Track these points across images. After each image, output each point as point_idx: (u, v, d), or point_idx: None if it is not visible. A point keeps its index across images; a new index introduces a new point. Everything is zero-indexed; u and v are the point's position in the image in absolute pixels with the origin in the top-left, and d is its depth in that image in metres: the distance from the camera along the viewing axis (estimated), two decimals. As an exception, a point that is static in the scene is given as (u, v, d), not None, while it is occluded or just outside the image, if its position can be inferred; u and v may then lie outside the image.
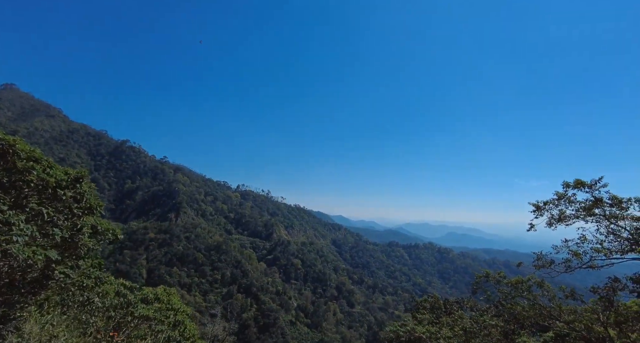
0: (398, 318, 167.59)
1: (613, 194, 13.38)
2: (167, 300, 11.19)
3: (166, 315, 10.31)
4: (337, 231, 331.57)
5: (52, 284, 7.18)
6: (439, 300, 23.05)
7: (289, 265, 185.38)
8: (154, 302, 10.76)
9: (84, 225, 7.58)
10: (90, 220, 8.08)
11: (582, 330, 15.01)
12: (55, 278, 7.13)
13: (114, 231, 8.58)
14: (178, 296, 12.31)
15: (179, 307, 11.22)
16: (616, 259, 13.11)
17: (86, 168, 8.52)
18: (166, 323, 9.78)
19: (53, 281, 7.14)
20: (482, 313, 18.70)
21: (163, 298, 11.04)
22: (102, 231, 8.14)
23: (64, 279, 7.34)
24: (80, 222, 7.50)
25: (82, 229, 7.50)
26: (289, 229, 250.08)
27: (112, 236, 8.52)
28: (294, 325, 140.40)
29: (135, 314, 9.05)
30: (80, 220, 7.54)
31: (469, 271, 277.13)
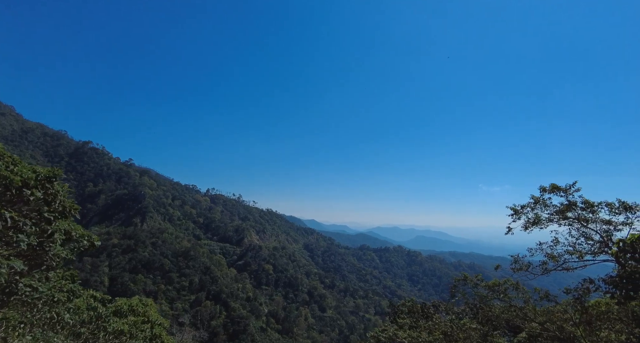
0: (369, 321, 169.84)
1: (585, 199, 14.05)
2: (144, 312, 10.23)
3: (142, 328, 9.39)
4: (309, 236, 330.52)
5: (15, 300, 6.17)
6: (416, 304, 23.30)
7: (260, 271, 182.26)
8: (129, 314, 9.78)
9: (55, 230, 6.61)
10: (64, 225, 7.13)
11: (554, 330, 15.61)
12: (20, 293, 6.13)
13: (90, 238, 7.63)
14: (155, 308, 11.33)
15: (156, 319, 10.28)
16: (588, 261, 13.75)
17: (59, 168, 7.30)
18: (141, 337, 8.86)
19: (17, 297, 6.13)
20: (460, 317, 19.03)
21: (139, 309, 10.07)
22: (76, 237, 7.17)
23: (31, 293, 6.34)
24: (51, 227, 6.54)
25: (53, 235, 6.54)
26: (261, 234, 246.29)
27: (87, 243, 7.55)
28: (264, 332, 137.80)
29: (108, 329, 8.10)
30: (51, 225, 6.58)
31: (437, 273, 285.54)
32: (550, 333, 16.20)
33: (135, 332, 8.68)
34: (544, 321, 15.73)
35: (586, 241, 14.27)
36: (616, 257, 12.98)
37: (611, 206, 13.76)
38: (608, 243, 13.53)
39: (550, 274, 14.54)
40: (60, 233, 6.68)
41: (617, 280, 12.42)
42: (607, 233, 13.65)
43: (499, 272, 17.81)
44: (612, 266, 13.37)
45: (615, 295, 12.51)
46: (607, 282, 12.98)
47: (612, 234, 13.67)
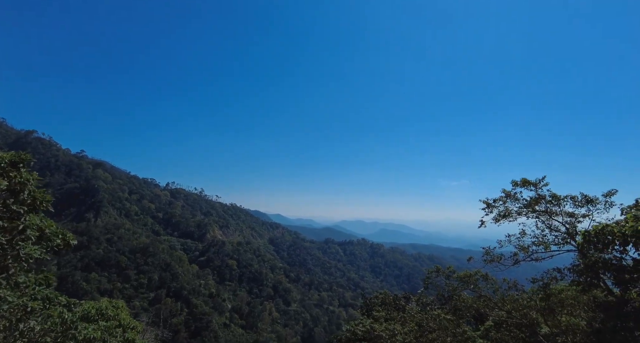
0: (332, 313, 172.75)
1: (553, 192, 14.86)
2: (114, 316, 9.19)
3: (114, 334, 8.43)
4: (274, 230, 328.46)
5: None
6: (388, 296, 23.74)
7: (224, 266, 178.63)
8: (98, 318, 8.73)
9: (27, 226, 5.48)
10: (35, 220, 6.00)
11: (519, 316, 16.54)
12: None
13: (64, 236, 6.51)
14: (127, 311, 10.30)
15: (129, 322, 9.33)
16: (554, 251, 14.61)
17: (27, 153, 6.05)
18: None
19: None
20: (431, 308, 19.62)
21: (109, 313, 9.03)
22: (49, 235, 6.01)
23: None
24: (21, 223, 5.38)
25: (25, 231, 5.43)
26: (224, 229, 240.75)
27: (61, 242, 6.42)
28: (228, 328, 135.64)
29: (78, 337, 7.08)
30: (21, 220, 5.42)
31: (398, 265, 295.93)
32: (514, 320, 17.16)
33: (109, 339, 7.74)
34: (510, 309, 16.59)
35: (551, 232, 15.14)
36: (580, 247, 13.87)
37: (575, 199, 14.68)
38: (573, 234, 14.44)
39: (520, 265, 15.29)
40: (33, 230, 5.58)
41: (582, 268, 13.29)
42: (572, 225, 14.56)
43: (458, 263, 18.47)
44: (575, 256, 14.28)
45: (580, 283, 13.40)
46: (572, 271, 13.89)
47: (576, 225, 14.60)
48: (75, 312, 8.13)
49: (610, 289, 13.50)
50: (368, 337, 17.64)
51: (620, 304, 12.91)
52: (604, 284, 13.41)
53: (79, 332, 7.08)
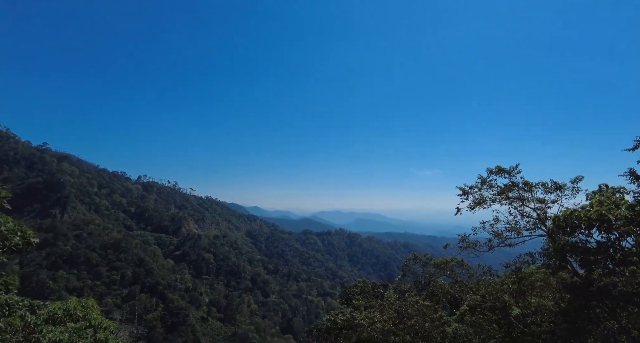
0: (311, 303, 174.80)
1: (526, 180, 15.39)
2: (84, 316, 8.52)
3: (84, 335, 7.82)
4: (252, 223, 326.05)
5: None
6: (367, 285, 24.09)
7: (200, 260, 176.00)
8: (66, 320, 8.06)
9: None
10: None
11: (493, 300, 17.22)
12: None
13: (24, 233, 5.77)
14: (99, 310, 9.63)
15: (100, 322, 8.70)
16: (526, 237, 15.21)
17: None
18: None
19: None
20: (412, 295, 20.06)
21: (78, 314, 8.35)
22: (5, 233, 5.26)
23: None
24: None
25: None
26: (200, 222, 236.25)
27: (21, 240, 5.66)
28: (205, 321, 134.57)
29: (43, 341, 6.48)
30: None
31: (375, 253, 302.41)
32: (488, 304, 17.86)
33: (77, 341, 7.18)
34: (485, 293, 17.23)
35: (523, 218, 15.73)
36: (550, 232, 14.48)
37: (545, 185, 15.27)
38: (543, 219, 15.05)
39: (494, 251, 15.83)
40: (-13, 228, 4.89)
41: (551, 252, 13.90)
42: (542, 211, 15.17)
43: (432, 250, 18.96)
44: (545, 240, 14.93)
45: (549, 266, 14.04)
46: (542, 255, 14.53)
47: (546, 211, 15.22)
48: (40, 314, 7.49)
49: (576, 271, 14.24)
50: (349, 326, 17.86)
51: (585, 285, 13.64)
52: (570, 266, 14.11)
53: (44, 335, 6.51)
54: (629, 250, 13.19)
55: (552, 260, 14.10)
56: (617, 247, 13.58)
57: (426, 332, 16.42)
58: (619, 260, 13.17)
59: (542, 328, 14.83)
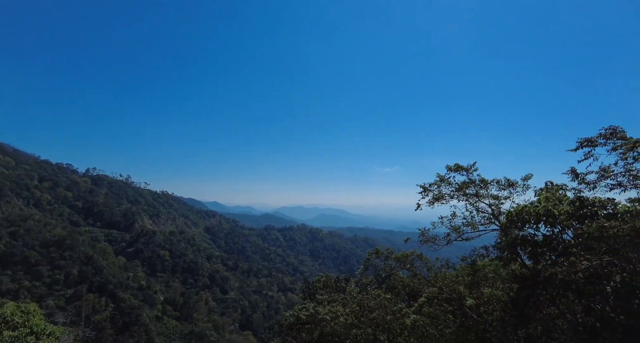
0: (272, 299, 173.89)
1: (482, 177, 16.20)
2: (24, 322, 7.41)
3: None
4: (211, 218, 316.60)
5: None
6: (330, 279, 24.25)
7: (155, 257, 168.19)
8: (2, 328, 6.96)
9: None
10: None
11: (449, 291, 18.03)
12: None
13: None
14: (41, 314, 8.54)
15: (44, 328, 7.66)
16: (481, 231, 16.04)
17: None
18: (23, 355, 6.44)
19: None
20: (373, 288, 20.47)
21: (16, 320, 7.25)
22: None
23: None
24: None
25: None
26: (155, 218, 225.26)
27: None
28: (160, 320, 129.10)
29: None
30: None
31: (336, 248, 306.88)
32: (445, 295, 18.67)
33: None
34: (442, 285, 17.99)
35: (479, 214, 16.57)
36: (503, 226, 15.37)
37: (499, 183, 16.19)
38: (497, 214, 15.95)
39: (452, 244, 16.53)
40: None
41: (503, 245, 14.77)
42: (496, 206, 16.08)
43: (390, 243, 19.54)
44: (498, 234, 15.84)
45: (502, 259, 14.93)
46: (495, 248, 15.42)
47: (499, 207, 16.15)
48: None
49: (524, 262, 15.27)
50: (312, 321, 17.85)
51: (532, 275, 14.67)
52: (520, 258, 15.11)
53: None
54: (569, 242, 14.38)
55: (504, 252, 15.02)
56: (560, 240, 14.76)
57: (387, 324, 16.83)
58: (560, 252, 14.30)
59: (493, 316, 15.76)
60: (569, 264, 12.81)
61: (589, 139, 12.18)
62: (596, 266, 11.99)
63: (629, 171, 11.71)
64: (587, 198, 14.30)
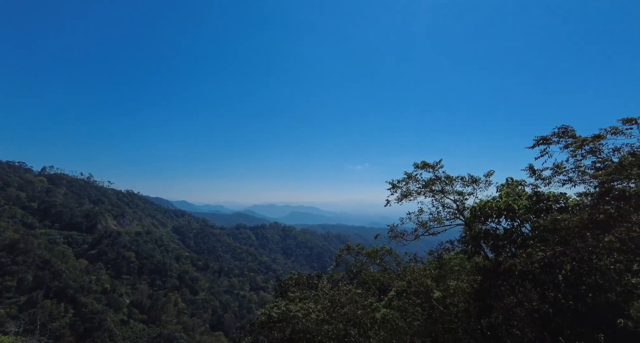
0: (243, 298, 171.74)
1: (447, 174, 16.82)
2: None
3: None
4: (179, 218, 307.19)
5: None
6: (302, 276, 24.28)
7: (120, 259, 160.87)
8: None
9: None
10: None
11: (417, 285, 18.63)
12: None
13: None
14: None
15: None
16: (447, 226, 16.67)
17: None
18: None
19: None
20: (344, 283, 20.74)
21: None
22: None
23: None
24: None
25: None
26: (120, 218, 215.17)
27: None
28: (126, 324, 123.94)
29: None
30: None
31: (309, 245, 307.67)
32: (413, 289, 19.26)
33: None
34: (410, 279, 18.54)
35: (444, 209, 17.21)
36: (467, 221, 16.07)
37: (464, 179, 16.89)
38: (462, 210, 16.64)
39: (419, 239, 17.07)
40: None
41: (468, 239, 15.45)
42: (461, 202, 16.77)
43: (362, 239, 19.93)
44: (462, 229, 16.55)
45: (466, 252, 15.61)
46: (460, 242, 16.10)
47: (464, 202, 16.85)
48: None
49: (487, 255, 16.07)
50: (284, 318, 17.83)
51: (494, 267, 15.46)
52: (483, 251, 15.88)
53: None
54: (527, 235, 15.30)
55: (468, 246, 15.73)
56: (519, 233, 15.66)
57: (358, 319, 17.13)
58: (519, 244, 15.18)
59: (458, 308, 16.46)
60: (527, 255, 13.60)
61: (544, 138, 12.94)
62: (550, 257, 12.81)
63: (578, 168, 12.57)
64: (543, 192, 15.26)
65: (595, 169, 12.24)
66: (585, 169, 12.53)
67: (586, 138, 11.94)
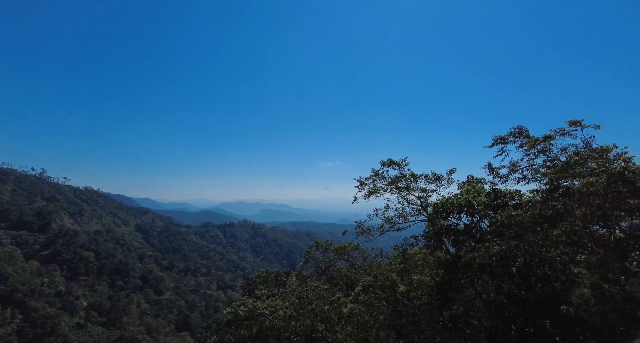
0: (210, 297, 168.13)
1: (412, 171, 17.38)
2: None
3: None
4: (143, 216, 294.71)
5: None
6: (270, 274, 24.15)
7: (77, 259, 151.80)
8: None
9: None
10: None
11: (383, 280, 19.13)
12: None
13: None
14: None
15: None
16: (412, 221, 17.24)
17: None
18: None
19: None
20: (313, 280, 20.87)
21: None
22: None
23: None
24: None
25: None
26: (77, 216, 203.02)
27: None
28: (83, 328, 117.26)
29: None
30: None
31: (279, 242, 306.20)
32: (379, 283, 19.75)
33: None
34: (376, 274, 19.00)
35: (409, 205, 17.79)
36: (430, 217, 16.70)
37: (427, 176, 17.54)
38: (425, 206, 17.28)
39: (385, 235, 17.53)
40: None
41: (431, 234, 16.08)
42: (424, 199, 17.40)
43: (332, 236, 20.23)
44: (426, 224, 17.19)
45: (429, 247, 16.25)
46: (424, 237, 16.72)
47: (427, 199, 17.50)
48: None
49: (448, 249, 16.81)
50: (250, 316, 17.66)
51: (455, 261, 16.20)
52: (445, 246, 16.60)
53: None
54: (485, 230, 16.18)
55: (431, 241, 16.39)
56: (478, 228, 16.52)
57: (325, 314, 17.31)
58: (478, 239, 16.02)
59: (421, 301, 17.09)
60: (485, 249, 14.38)
61: (502, 137, 13.71)
62: (505, 250, 13.64)
63: (531, 166, 13.45)
64: (500, 190, 16.20)
65: (545, 168, 13.15)
66: (537, 167, 13.42)
67: (538, 138, 12.78)
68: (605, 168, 11.08)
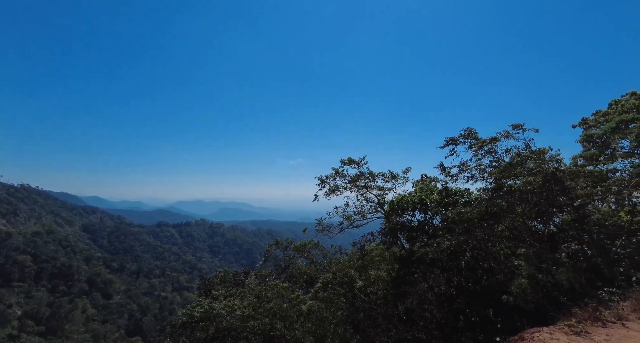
0: (165, 299, 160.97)
1: (370, 170, 17.90)
2: None
3: None
4: (90, 215, 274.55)
5: None
6: (229, 273, 23.61)
7: (10, 264, 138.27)
8: None
9: None
10: None
11: (342, 276, 19.50)
12: None
13: None
14: None
15: None
16: (369, 219, 17.76)
17: None
18: None
19: None
20: (272, 279, 20.72)
21: None
22: None
23: None
24: None
25: None
26: (11, 216, 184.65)
27: None
28: (16, 339, 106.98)
29: None
30: None
31: (238, 242, 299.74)
32: (338, 279, 20.11)
33: None
34: (335, 270, 19.32)
35: (367, 203, 18.31)
36: (386, 214, 17.30)
37: (384, 175, 18.14)
38: (382, 204, 17.87)
39: (345, 232, 17.89)
40: None
41: (387, 231, 16.67)
42: (381, 196, 17.99)
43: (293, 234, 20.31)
44: (382, 221, 17.79)
45: (385, 243, 16.84)
46: (380, 233, 17.30)
47: (384, 197, 18.12)
48: None
49: (403, 245, 17.54)
50: (207, 317, 17.18)
51: (409, 256, 16.93)
52: (400, 242, 17.31)
53: None
54: (437, 226, 17.09)
55: (387, 237, 17.00)
56: (430, 224, 17.40)
57: (284, 312, 17.31)
58: (430, 234, 16.88)
59: (377, 295, 17.67)
60: (437, 244, 15.18)
61: (453, 139, 14.55)
62: (455, 245, 14.50)
63: (479, 166, 14.41)
64: (451, 188, 17.18)
65: (492, 168, 14.16)
66: (484, 167, 14.41)
67: (485, 140, 13.73)
68: (541, 168, 12.18)
